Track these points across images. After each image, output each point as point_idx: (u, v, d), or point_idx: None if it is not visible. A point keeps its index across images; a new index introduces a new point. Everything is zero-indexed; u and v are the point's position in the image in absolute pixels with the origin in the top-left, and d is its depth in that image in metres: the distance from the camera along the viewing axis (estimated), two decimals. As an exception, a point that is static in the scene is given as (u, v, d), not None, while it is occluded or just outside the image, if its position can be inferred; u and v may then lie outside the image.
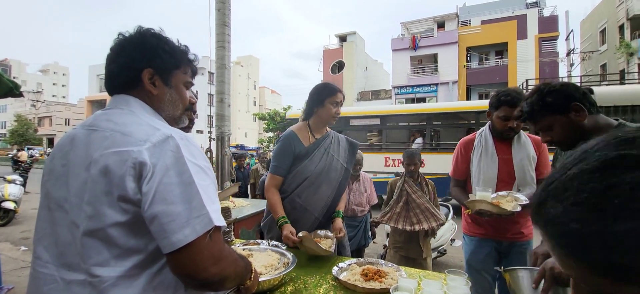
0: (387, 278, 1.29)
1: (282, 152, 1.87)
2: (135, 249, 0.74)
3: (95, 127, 0.79)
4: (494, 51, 23.23)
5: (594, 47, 22.24)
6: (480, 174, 1.90)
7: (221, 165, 3.79)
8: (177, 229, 0.69)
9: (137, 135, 0.75)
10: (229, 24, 3.83)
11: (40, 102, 32.99)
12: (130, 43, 0.87)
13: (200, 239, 0.70)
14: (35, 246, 0.82)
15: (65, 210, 0.77)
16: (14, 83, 3.07)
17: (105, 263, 0.73)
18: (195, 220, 0.70)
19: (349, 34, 28.34)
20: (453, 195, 2.07)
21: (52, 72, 60.08)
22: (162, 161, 0.72)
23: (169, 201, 0.70)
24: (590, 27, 23.57)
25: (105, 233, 0.72)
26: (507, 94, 1.81)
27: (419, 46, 23.65)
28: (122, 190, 0.71)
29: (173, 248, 0.69)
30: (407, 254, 2.70)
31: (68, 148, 0.80)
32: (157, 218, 0.69)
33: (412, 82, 23.80)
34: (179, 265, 0.71)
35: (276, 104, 46.34)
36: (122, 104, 0.85)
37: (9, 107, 46.14)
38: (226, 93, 3.86)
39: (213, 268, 0.73)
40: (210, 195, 0.75)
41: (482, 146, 1.93)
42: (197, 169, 0.75)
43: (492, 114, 1.91)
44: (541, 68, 20.55)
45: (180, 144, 0.75)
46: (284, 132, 1.90)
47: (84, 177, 0.74)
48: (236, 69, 49.64)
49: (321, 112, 1.90)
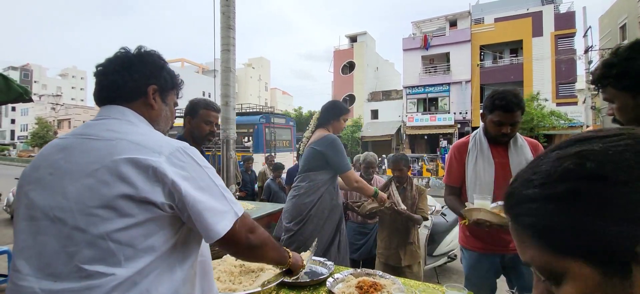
0: (383, 291, 1.24)
1: (345, 151, 2.30)
2: (150, 249, 0.79)
3: (95, 136, 0.82)
4: (508, 49, 22.72)
5: (614, 43, 21.43)
6: (476, 180, 1.78)
7: (226, 168, 3.78)
8: (216, 222, 0.81)
9: (147, 144, 0.81)
10: (233, 27, 3.83)
11: (60, 105, 34.00)
12: (140, 59, 0.94)
13: (235, 224, 0.84)
14: (15, 259, 0.80)
15: (55, 219, 0.76)
16: (24, 89, 3.14)
17: (118, 264, 0.75)
18: (227, 214, 0.84)
19: (360, 34, 28.23)
20: (448, 204, 1.94)
21: (71, 75, 61.96)
22: (185, 172, 0.81)
23: (205, 203, 0.81)
24: (610, 23, 22.75)
25: (121, 235, 0.75)
26: (503, 98, 1.68)
27: (430, 45, 23.34)
28: (142, 192, 0.76)
29: (218, 237, 0.81)
30: (386, 261, 2.61)
31: (58, 157, 0.81)
32: (199, 217, 0.80)
33: (424, 82, 23.49)
34: (227, 244, 0.86)
35: (288, 105, 46.59)
36: (118, 115, 0.89)
37: (30, 110, 47.79)
38: (231, 96, 3.85)
39: (252, 235, 0.89)
40: (226, 191, 0.88)
41: (477, 149, 1.81)
42: (211, 171, 0.87)
43: (485, 117, 1.80)
44: (558, 67, 19.97)
45: (191, 153, 0.85)
46: (332, 137, 2.24)
47: (89, 183, 0.76)
48: (248, 71, 50.16)
49: (336, 125, 2.34)
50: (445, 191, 1.98)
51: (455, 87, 22.42)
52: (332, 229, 2.24)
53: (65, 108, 41.61)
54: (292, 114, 27.16)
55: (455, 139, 21.26)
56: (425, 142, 23.65)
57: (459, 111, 21.96)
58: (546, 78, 20.15)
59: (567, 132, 17.98)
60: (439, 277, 4.12)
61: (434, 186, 13.52)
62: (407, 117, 23.31)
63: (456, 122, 21.71)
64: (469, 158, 1.83)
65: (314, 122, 2.44)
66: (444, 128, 21.92)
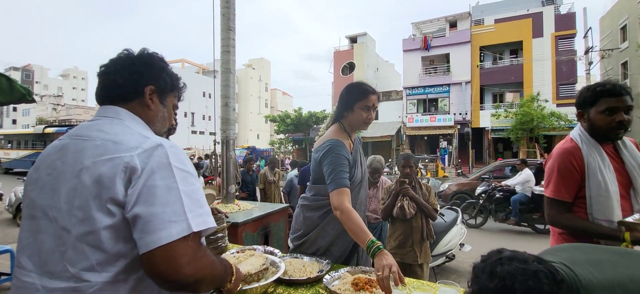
0: (378, 288, 1.26)
1: (342, 162, 1.58)
2: (122, 254, 0.76)
3: (85, 137, 0.83)
4: (509, 50, 22.73)
5: (614, 44, 21.45)
6: (604, 190, 1.45)
7: (226, 169, 3.81)
8: (153, 230, 0.71)
9: (128, 142, 0.79)
10: (233, 29, 3.85)
11: (61, 105, 34.09)
12: (140, 60, 0.94)
13: (175, 242, 0.72)
14: (19, 255, 0.83)
15: (51, 218, 0.78)
16: (27, 90, 3.17)
17: (93, 268, 0.75)
18: (172, 224, 0.73)
19: (360, 35, 28.26)
20: (567, 225, 1.54)
21: (72, 76, 62.08)
22: (149, 165, 0.76)
23: (149, 203, 0.73)
24: (610, 24, 22.75)
25: (96, 237, 0.75)
26: (603, 84, 1.47)
27: (430, 46, 23.37)
28: (112, 193, 0.74)
29: (147, 248, 0.71)
30: (402, 259, 2.64)
31: (55, 157, 0.83)
32: (138, 218, 0.73)
33: (424, 83, 23.52)
34: (152, 266, 0.72)
35: (288, 106, 46.66)
36: (112, 114, 0.89)
37: (31, 111, 47.91)
38: (231, 97, 3.88)
39: (186, 268, 0.73)
40: (194, 200, 0.78)
41: (595, 154, 1.50)
42: (183, 175, 0.79)
43: (586, 113, 1.53)
44: (558, 67, 19.97)
45: (169, 152, 0.80)
46: (329, 143, 1.63)
47: (74, 183, 0.77)
48: (248, 72, 50.19)
49: (351, 118, 1.69)
50: (553, 210, 1.57)
51: (455, 88, 22.43)
52: (342, 250, 1.71)
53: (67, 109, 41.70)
54: (292, 115, 27.16)
55: (456, 140, 21.27)
56: (425, 142, 23.67)
57: (458, 112, 21.97)
58: (546, 79, 20.16)
59: (567, 132, 17.95)
60: (437, 276, 4.14)
61: (433, 186, 13.52)
62: (407, 118, 23.34)
63: (456, 122, 21.72)
64: (589, 165, 1.50)
65: (331, 115, 1.87)
66: (444, 129, 21.93)
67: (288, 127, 26.79)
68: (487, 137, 20.77)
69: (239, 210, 3.44)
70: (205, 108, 43.16)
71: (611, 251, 1.01)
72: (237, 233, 2.88)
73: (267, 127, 50.06)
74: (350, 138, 1.74)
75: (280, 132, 28.90)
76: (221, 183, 3.84)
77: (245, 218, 3.03)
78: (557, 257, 0.95)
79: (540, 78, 20.32)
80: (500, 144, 22.07)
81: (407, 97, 23.95)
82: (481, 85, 22.08)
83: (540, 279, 0.86)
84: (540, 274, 0.87)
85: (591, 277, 0.88)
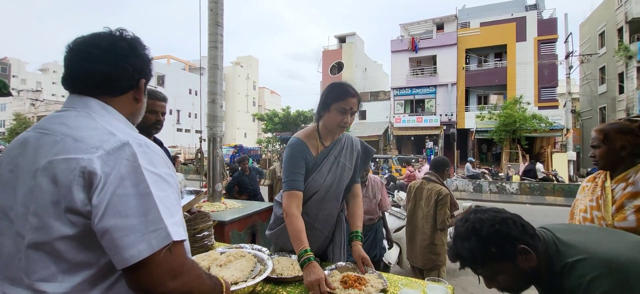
0: (367, 285, 1.26)
1: (295, 163, 1.52)
2: (86, 263, 0.70)
3: (46, 130, 0.74)
4: (493, 53, 23.24)
5: (593, 50, 22.23)
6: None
7: (213, 166, 3.75)
8: (131, 244, 0.64)
9: (89, 140, 0.70)
10: (221, 24, 3.80)
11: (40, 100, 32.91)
12: (133, 52, 0.83)
13: (157, 254, 0.66)
14: None
15: (10, 220, 0.71)
16: (2, 82, 3.03)
17: (51, 278, 0.68)
18: (152, 234, 0.66)
19: (348, 35, 28.35)
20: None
21: (52, 70, 59.88)
22: (116, 170, 0.67)
23: (122, 214, 0.65)
24: (590, 30, 23.56)
25: (52, 247, 0.67)
26: None
27: (418, 48, 23.65)
28: (69, 202, 0.66)
29: (126, 264, 0.65)
30: (425, 265, 2.96)
31: (17, 152, 0.75)
32: (109, 232, 0.65)
33: (411, 84, 23.80)
34: (135, 281, 0.67)
35: (276, 104, 46.37)
36: (80, 106, 0.78)
37: (7, 106, 46.05)
38: (219, 93, 3.82)
39: (172, 282, 0.68)
40: (169, 206, 0.71)
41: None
42: (155, 178, 0.70)
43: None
44: (540, 71, 20.54)
45: (138, 152, 0.70)
46: (291, 141, 1.59)
47: (31, 185, 0.69)
48: (236, 69, 49.66)
49: (326, 119, 1.55)
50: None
51: (442, 89, 22.79)
52: (314, 248, 1.55)
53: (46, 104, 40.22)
54: (280, 114, 27.02)
55: (441, 141, 21.61)
56: (412, 143, 23.95)
57: (444, 113, 22.32)
58: (529, 82, 20.71)
59: (548, 134, 18.51)
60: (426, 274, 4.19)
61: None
62: (394, 118, 23.55)
63: (442, 123, 22.06)
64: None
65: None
66: (430, 130, 22.24)
67: (276, 125, 26.66)
68: (471, 138, 21.19)
69: (226, 209, 3.40)
70: (191, 106, 42.46)
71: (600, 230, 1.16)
72: (224, 231, 2.84)
73: (255, 126, 49.63)
74: (320, 140, 1.61)
75: (268, 131, 28.72)
76: (207, 181, 3.78)
77: (232, 217, 2.99)
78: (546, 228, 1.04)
79: (523, 81, 20.85)
80: (484, 145, 22.55)
81: (394, 98, 24.18)
82: (466, 86, 22.50)
83: (508, 225, 0.95)
84: (509, 222, 0.94)
85: (570, 239, 0.95)
